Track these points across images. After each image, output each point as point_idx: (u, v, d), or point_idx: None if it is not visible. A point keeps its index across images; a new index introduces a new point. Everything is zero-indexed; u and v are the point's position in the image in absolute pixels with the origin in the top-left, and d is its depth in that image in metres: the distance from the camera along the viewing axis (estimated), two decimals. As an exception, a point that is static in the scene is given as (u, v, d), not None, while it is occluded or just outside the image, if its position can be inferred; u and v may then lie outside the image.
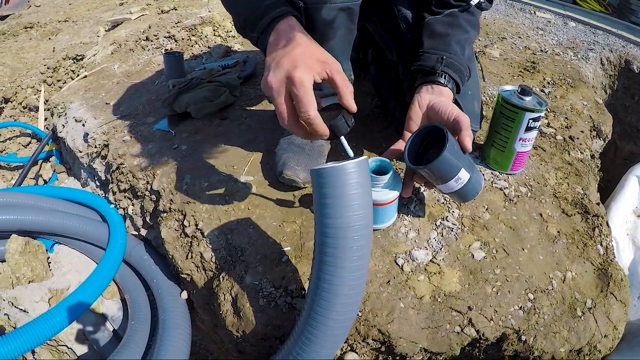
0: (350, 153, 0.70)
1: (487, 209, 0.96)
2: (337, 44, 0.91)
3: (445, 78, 0.88)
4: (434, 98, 0.86)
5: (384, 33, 1.07)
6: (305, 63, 0.66)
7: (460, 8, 0.95)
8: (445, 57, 0.89)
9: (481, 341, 0.79)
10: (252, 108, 1.38)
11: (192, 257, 0.97)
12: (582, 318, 0.82)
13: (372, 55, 1.22)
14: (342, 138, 0.71)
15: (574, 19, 2.11)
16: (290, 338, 0.73)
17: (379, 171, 0.84)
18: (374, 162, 0.84)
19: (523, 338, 0.78)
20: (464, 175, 0.77)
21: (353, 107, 0.71)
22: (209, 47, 1.91)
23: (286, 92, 0.67)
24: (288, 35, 0.72)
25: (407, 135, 0.87)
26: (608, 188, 1.25)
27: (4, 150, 1.99)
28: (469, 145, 0.78)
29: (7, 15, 3.24)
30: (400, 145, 0.87)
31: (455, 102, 0.94)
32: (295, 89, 0.65)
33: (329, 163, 0.64)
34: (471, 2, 0.95)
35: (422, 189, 0.99)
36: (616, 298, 0.86)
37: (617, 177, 1.27)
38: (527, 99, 0.95)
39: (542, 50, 1.75)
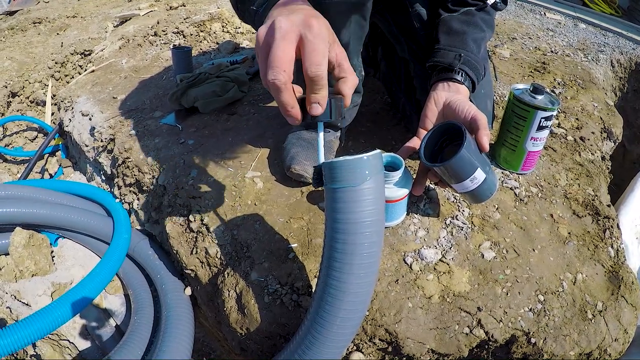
0: (321, 150, 0.65)
1: (497, 208, 0.95)
2: (347, 39, 0.89)
3: (462, 75, 0.87)
4: (451, 95, 0.84)
5: (395, 30, 1.06)
6: (325, 24, 0.58)
7: (476, 7, 0.94)
8: (463, 55, 0.87)
9: (490, 343, 0.78)
10: (260, 104, 1.37)
11: (196, 252, 0.97)
12: (592, 321, 0.80)
13: (382, 52, 1.21)
14: (320, 127, 0.64)
15: (584, 21, 2.09)
16: (295, 336, 0.72)
17: (390, 167, 0.82)
18: (384, 158, 0.83)
19: (533, 340, 0.77)
20: (479, 175, 0.76)
21: (348, 98, 0.63)
22: (217, 43, 1.91)
23: (297, 37, 0.55)
24: (297, 2, 0.63)
25: (422, 132, 0.86)
26: (617, 192, 1.23)
27: (10, 144, 1.99)
28: (486, 145, 0.76)
29: (16, 11, 3.25)
30: (414, 143, 0.86)
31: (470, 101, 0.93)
32: (311, 35, 0.54)
33: (341, 157, 0.62)
34: (487, 2, 0.94)
35: (433, 187, 0.98)
36: (627, 301, 0.85)
37: (626, 181, 1.26)
38: (540, 97, 0.94)
39: (552, 51, 1.74)
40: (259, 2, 0.71)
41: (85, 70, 1.97)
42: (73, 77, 2.12)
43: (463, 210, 0.94)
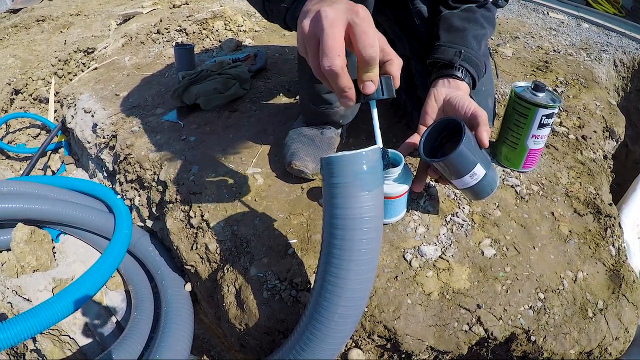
0: (377, 131, 0.68)
1: (498, 206, 0.95)
2: None
3: (462, 72, 0.87)
4: (451, 92, 0.84)
5: (396, 27, 1.06)
6: (367, 10, 0.58)
7: (477, 4, 0.94)
8: (464, 51, 0.87)
9: (489, 340, 0.77)
10: (261, 101, 1.37)
11: (197, 248, 0.97)
12: (593, 319, 0.80)
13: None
14: (373, 105, 0.67)
15: (587, 20, 2.09)
16: (294, 332, 0.71)
17: (389, 163, 0.82)
18: (384, 154, 0.83)
19: (532, 338, 0.76)
20: (479, 171, 0.76)
21: (397, 78, 0.65)
22: (220, 41, 1.91)
23: (345, 24, 0.56)
24: None
25: (422, 129, 0.85)
26: (619, 191, 1.23)
27: (13, 140, 2.00)
28: (486, 141, 0.76)
29: (20, 9, 3.26)
30: (415, 139, 0.85)
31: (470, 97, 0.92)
32: (359, 19, 0.56)
33: (340, 152, 0.62)
34: None
35: (433, 184, 0.98)
36: (628, 300, 0.84)
37: (629, 180, 1.26)
38: (541, 95, 0.93)
39: (555, 50, 1.73)
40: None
41: (88, 67, 1.98)
42: (76, 75, 2.12)
43: (463, 208, 0.94)
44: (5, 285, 1.07)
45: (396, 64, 0.63)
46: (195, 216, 0.99)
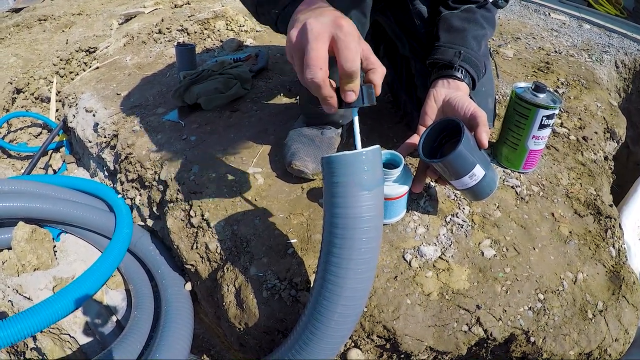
0: (357, 136, 0.67)
1: (498, 206, 0.95)
2: None
3: (462, 73, 0.87)
4: (451, 92, 0.84)
5: (396, 27, 1.06)
6: (352, 23, 0.61)
7: (477, 4, 0.94)
8: (463, 52, 0.87)
9: (489, 341, 0.77)
10: (262, 101, 1.37)
11: (197, 247, 0.97)
12: (592, 321, 0.80)
13: (384, 50, 1.21)
14: (355, 112, 0.67)
15: (589, 22, 2.08)
16: (293, 332, 0.71)
17: (390, 164, 0.82)
18: (384, 155, 0.83)
19: (532, 339, 0.76)
20: (478, 172, 0.76)
21: (378, 87, 0.65)
22: (221, 41, 1.91)
23: (329, 37, 0.58)
24: (321, 2, 0.66)
25: (422, 129, 0.85)
26: (620, 193, 1.23)
27: (15, 139, 2.00)
28: (485, 141, 0.76)
29: (22, 8, 3.27)
30: (414, 139, 0.86)
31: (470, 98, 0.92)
32: (342, 34, 0.58)
33: (339, 152, 0.62)
34: None
35: (433, 184, 0.98)
36: (628, 301, 0.84)
37: (630, 182, 1.25)
38: (541, 95, 0.93)
39: (556, 51, 1.73)
40: (281, 5, 0.74)
41: (90, 67, 1.98)
42: (77, 74, 2.12)
43: (463, 208, 0.94)
44: (6, 284, 1.07)
45: (379, 73, 0.64)
46: (195, 215, 0.99)
